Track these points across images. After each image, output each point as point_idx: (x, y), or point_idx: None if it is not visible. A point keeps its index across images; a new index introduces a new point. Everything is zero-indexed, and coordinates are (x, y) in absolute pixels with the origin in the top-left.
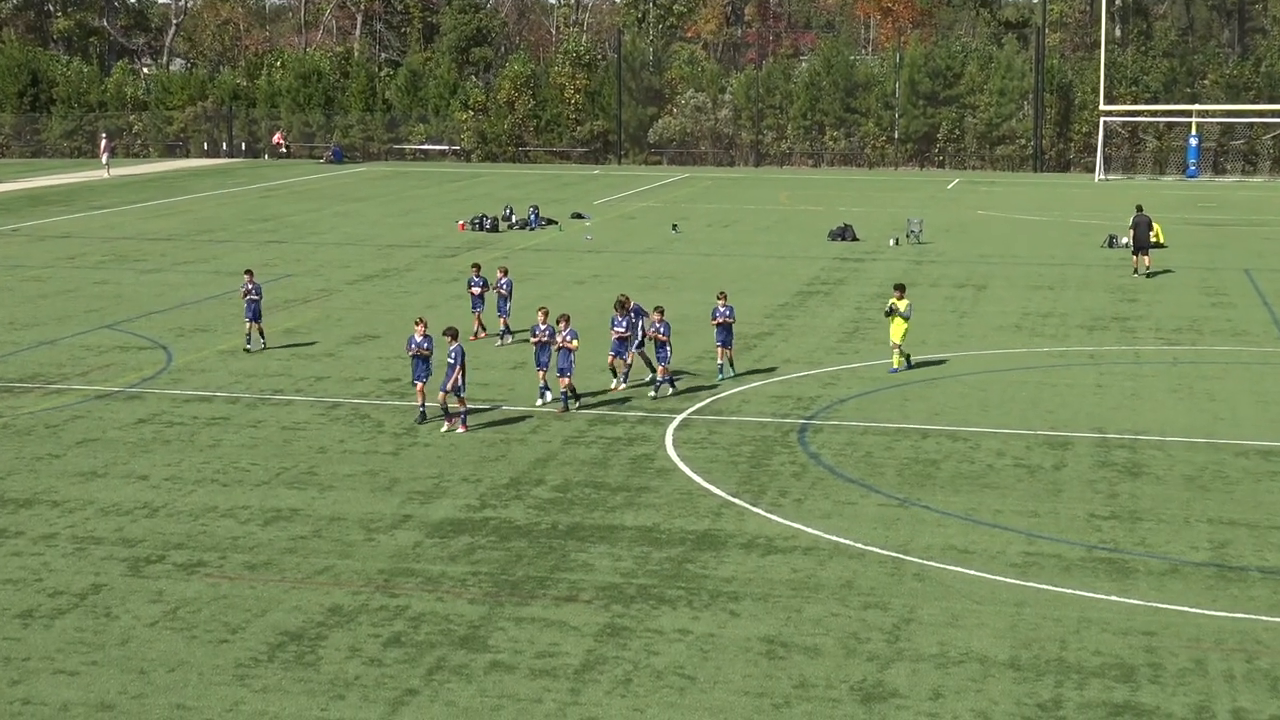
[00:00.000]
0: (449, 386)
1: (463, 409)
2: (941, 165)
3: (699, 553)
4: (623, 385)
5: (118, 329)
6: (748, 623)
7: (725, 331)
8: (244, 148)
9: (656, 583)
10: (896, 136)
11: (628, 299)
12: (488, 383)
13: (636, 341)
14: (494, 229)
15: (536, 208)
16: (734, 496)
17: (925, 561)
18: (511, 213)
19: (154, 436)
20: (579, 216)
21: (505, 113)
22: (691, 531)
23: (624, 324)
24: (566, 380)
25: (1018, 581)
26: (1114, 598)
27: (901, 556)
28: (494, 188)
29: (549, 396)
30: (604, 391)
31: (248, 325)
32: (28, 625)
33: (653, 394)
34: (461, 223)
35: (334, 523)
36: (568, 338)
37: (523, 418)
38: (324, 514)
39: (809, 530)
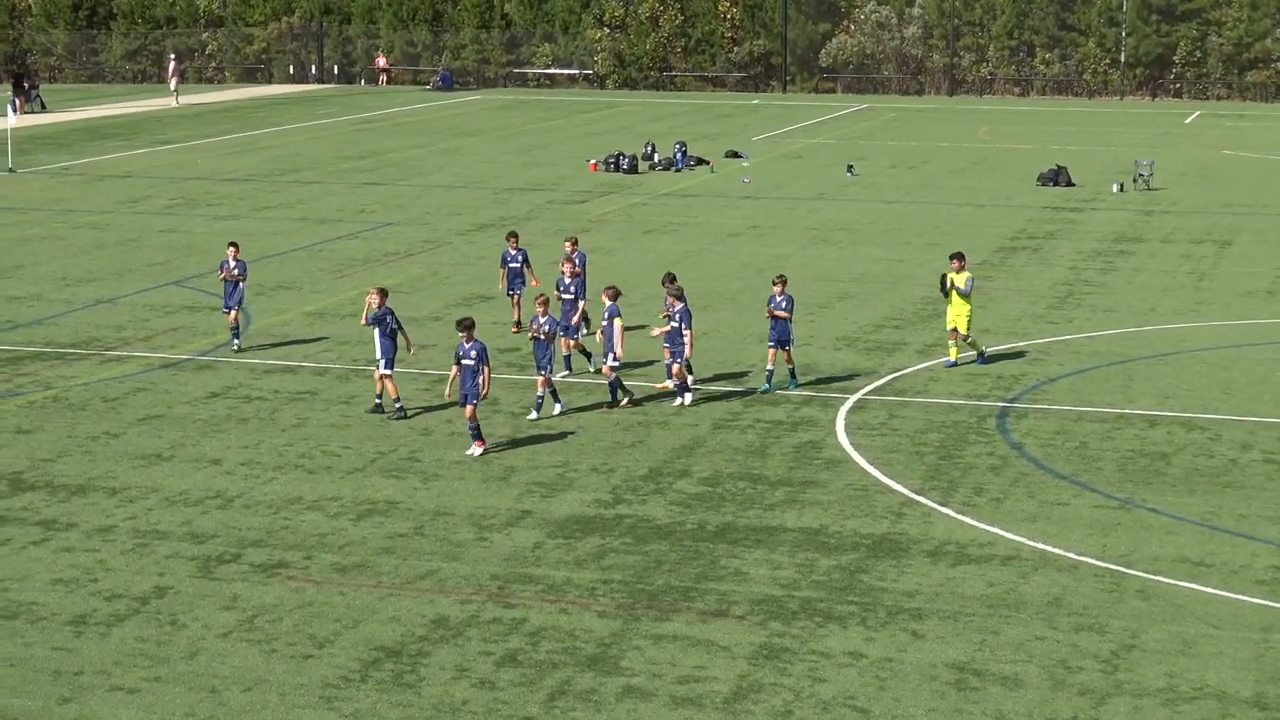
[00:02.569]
0: (482, 395)
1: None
2: (1178, 95)
3: (875, 561)
4: (670, 383)
5: (186, 286)
6: (933, 646)
7: (781, 328)
8: (336, 72)
9: (824, 596)
10: (1123, 60)
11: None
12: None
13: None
14: (632, 170)
15: (684, 145)
16: (918, 494)
17: (1151, 576)
18: (654, 150)
19: (228, 414)
20: (735, 155)
21: (647, 30)
22: (867, 535)
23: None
24: (609, 369)
25: (1266, 602)
26: None
27: (1122, 570)
28: (633, 120)
29: (554, 408)
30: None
31: (231, 315)
32: (81, 634)
33: (678, 402)
34: (594, 162)
35: (439, 518)
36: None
37: (662, 397)
38: (427, 508)
39: (1009, 536)
